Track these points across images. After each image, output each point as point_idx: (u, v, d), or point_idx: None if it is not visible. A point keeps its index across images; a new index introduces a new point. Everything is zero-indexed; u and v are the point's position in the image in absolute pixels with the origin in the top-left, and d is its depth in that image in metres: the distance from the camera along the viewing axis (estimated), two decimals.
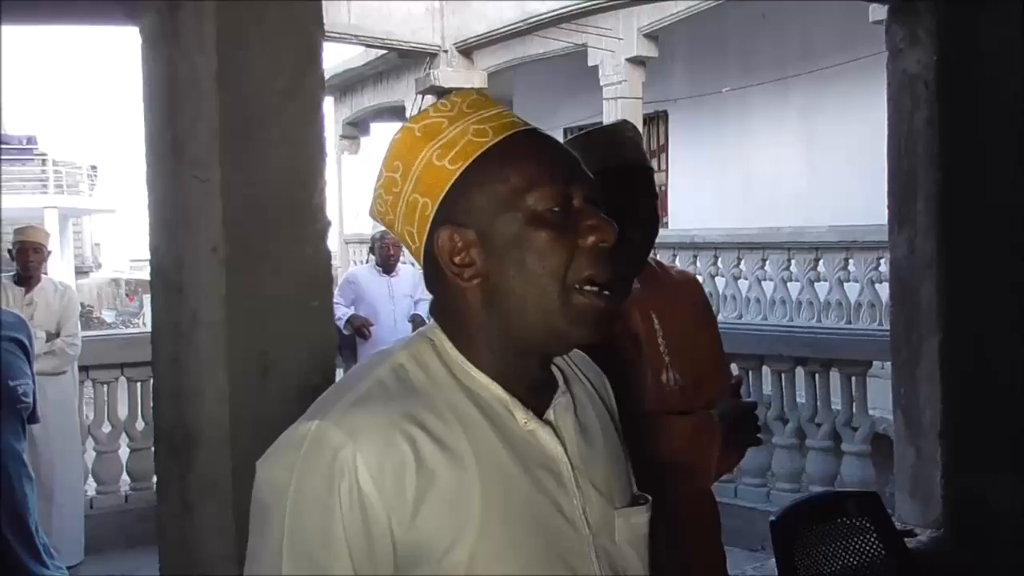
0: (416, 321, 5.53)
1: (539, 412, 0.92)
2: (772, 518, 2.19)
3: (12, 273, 4.54)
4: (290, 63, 1.62)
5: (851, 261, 6.88)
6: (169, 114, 1.57)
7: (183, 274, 1.61)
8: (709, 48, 10.00)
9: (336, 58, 11.44)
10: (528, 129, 0.93)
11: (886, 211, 3.00)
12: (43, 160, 23.59)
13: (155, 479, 1.70)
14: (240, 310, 1.61)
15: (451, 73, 8.01)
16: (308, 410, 0.88)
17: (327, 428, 0.83)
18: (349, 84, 13.05)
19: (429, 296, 0.97)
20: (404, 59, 8.66)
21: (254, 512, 0.86)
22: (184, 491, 1.61)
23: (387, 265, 5.78)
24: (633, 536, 0.96)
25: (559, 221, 0.88)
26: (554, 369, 0.98)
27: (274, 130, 1.60)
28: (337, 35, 7.17)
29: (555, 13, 7.53)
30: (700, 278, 8.09)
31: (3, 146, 19.65)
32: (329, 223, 1.72)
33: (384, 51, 8.73)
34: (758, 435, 1.80)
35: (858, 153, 7.15)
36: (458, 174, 0.89)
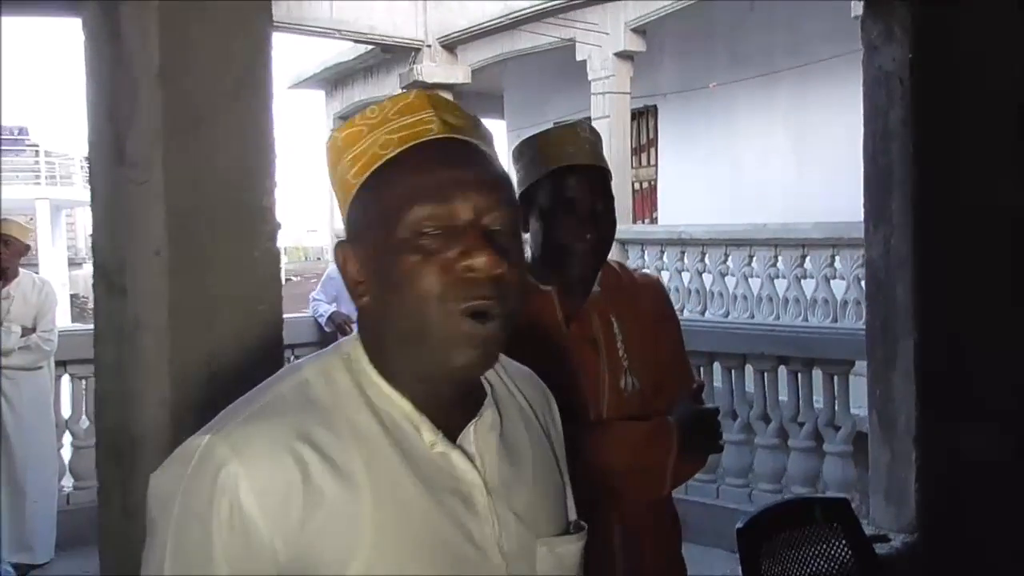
0: None
1: (454, 432, 0.88)
2: (738, 524, 2.16)
3: None
4: (237, 60, 1.58)
5: (837, 258, 6.87)
6: (111, 113, 1.53)
7: (125, 277, 1.57)
8: (697, 42, 9.97)
9: (327, 52, 11.42)
10: (432, 139, 0.87)
11: None
12: (35, 151, 23.49)
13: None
14: (184, 313, 1.56)
15: (434, 68, 7.96)
16: (210, 422, 0.86)
17: (216, 443, 0.81)
18: (340, 78, 13.01)
19: None
20: (389, 53, 8.61)
21: (147, 523, 0.85)
22: (126, 497, 1.57)
23: None
24: (558, 567, 0.92)
25: (433, 243, 0.83)
26: (485, 383, 0.95)
27: (220, 130, 1.56)
28: (319, 30, 7.11)
29: (537, 8, 7.48)
30: (687, 275, 8.09)
31: None
32: (279, 225, 1.68)
33: (370, 46, 8.69)
34: (719, 441, 1.77)
35: (846, 148, 7.05)
36: (356, 188, 0.87)
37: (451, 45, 8.12)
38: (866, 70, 2.82)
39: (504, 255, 0.83)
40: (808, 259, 7.09)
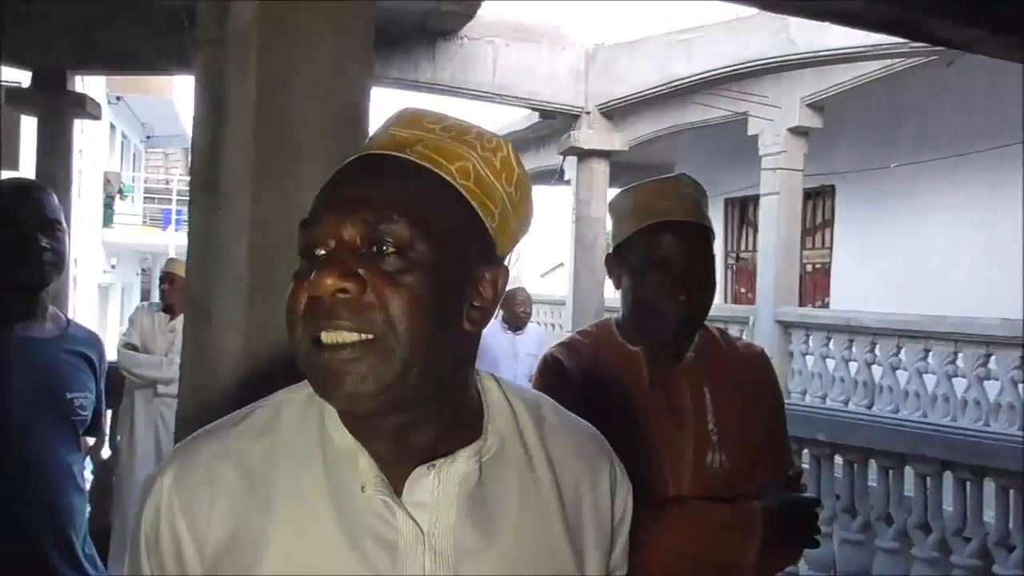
0: None
1: (405, 475, 0.81)
2: None
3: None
4: (331, 105, 1.61)
5: None
6: (209, 147, 1.59)
7: (211, 302, 1.61)
8: (880, 120, 9.47)
9: (500, 121, 11.77)
10: (356, 157, 0.84)
11: None
12: None
13: None
14: (260, 342, 1.59)
15: (591, 135, 7.98)
16: None
17: (170, 455, 0.85)
18: (514, 145, 13.35)
19: None
20: (555, 120, 8.76)
21: None
22: None
23: (515, 323, 5.75)
24: None
25: (305, 267, 0.79)
26: (490, 428, 0.86)
27: (308, 169, 1.59)
28: (482, 94, 7.35)
29: (699, 78, 7.36)
30: (854, 364, 7.54)
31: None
32: None
33: (540, 115, 8.88)
34: (816, 536, 1.57)
35: None
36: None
37: (610, 113, 8.14)
38: None
39: (351, 272, 0.76)
40: (993, 358, 6.43)
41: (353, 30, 1.64)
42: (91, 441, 3.87)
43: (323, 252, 0.78)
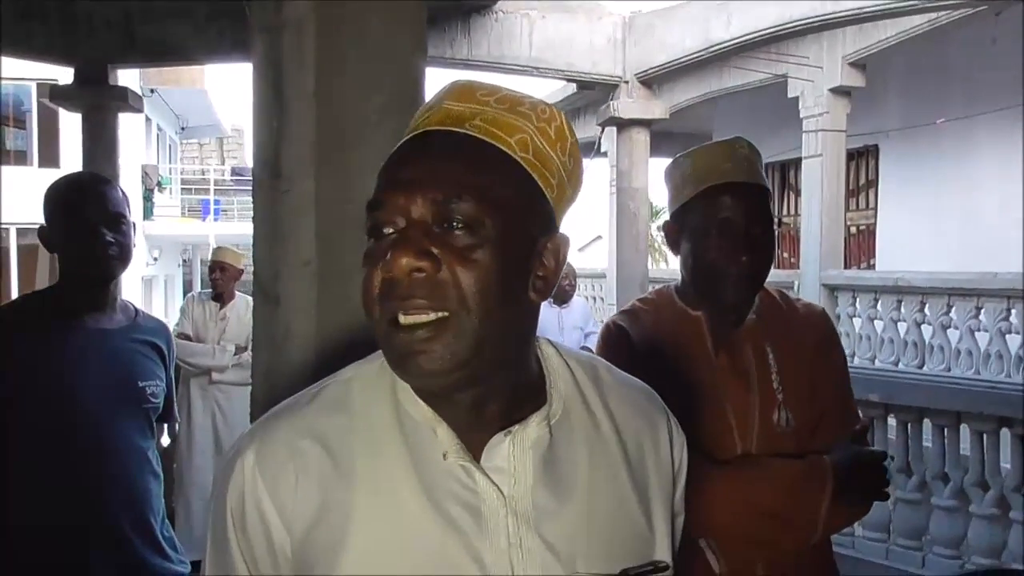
0: None
1: (482, 444, 0.84)
2: None
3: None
4: (386, 86, 1.63)
5: None
6: (270, 132, 1.63)
7: (279, 286, 1.65)
8: (926, 76, 9.24)
9: (535, 94, 11.68)
10: (414, 135, 0.84)
11: None
12: None
13: None
14: (330, 324, 1.63)
15: (630, 104, 7.89)
16: None
17: (245, 435, 0.86)
18: None
19: (597, 330, 0.93)
20: (592, 91, 8.68)
21: None
22: None
23: (561, 296, 5.78)
24: None
25: (372, 248, 0.81)
26: (554, 393, 0.89)
27: (368, 149, 1.61)
28: (519, 68, 7.30)
29: (738, 41, 7.23)
30: (903, 325, 7.44)
31: (239, 178, 21.75)
32: None
33: (576, 86, 8.81)
34: (885, 489, 1.58)
35: None
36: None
37: (649, 81, 8.02)
38: None
39: (425, 251, 0.78)
40: None
41: (405, 11, 1.66)
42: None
43: (391, 231, 0.80)
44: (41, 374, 1.87)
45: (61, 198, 1.94)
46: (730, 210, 1.56)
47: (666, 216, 1.72)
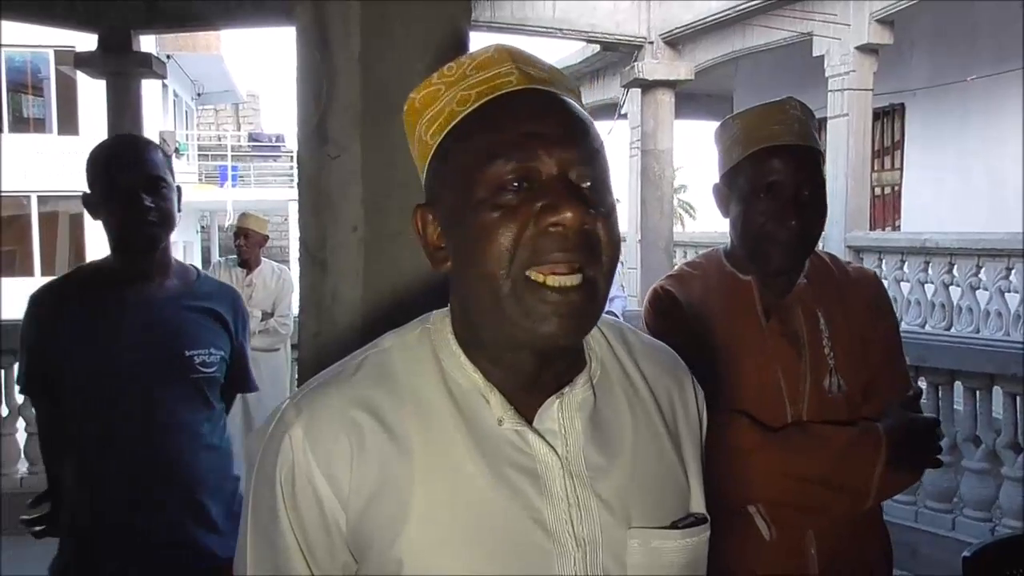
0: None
1: (535, 406, 0.83)
2: (966, 553, 1.91)
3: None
4: (431, 50, 1.61)
5: None
6: (316, 96, 1.61)
7: (326, 252, 1.65)
8: (954, 33, 9.06)
9: (554, 56, 11.58)
10: (512, 91, 0.81)
11: None
12: (290, 157, 25.85)
13: None
14: (376, 289, 1.62)
15: (655, 65, 7.78)
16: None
17: (289, 408, 0.83)
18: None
19: (623, 294, 0.92)
20: (612, 52, 8.58)
21: None
22: None
23: None
24: (653, 563, 0.84)
25: (512, 200, 0.77)
26: (589, 356, 0.89)
27: None
28: (542, 29, 7.21)
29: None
30: (931, 287, 7.38)
31: (256, 144, 21.74)
32: None
33: (599, 48, 8.70)
34: (937, 455, 1.57)
35: None
36: (435, 148, 0.83)
37: (674, 42, 7.91)
38: None
39: (592, 207, 0.77)
40: None
41: None
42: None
43: (520, 186, 0.77)
44: (79, 348, 1.82)
45: (99, 164, 1.86)
46: (779, 173, 1.54)
47: (688, 186, 1.70)
